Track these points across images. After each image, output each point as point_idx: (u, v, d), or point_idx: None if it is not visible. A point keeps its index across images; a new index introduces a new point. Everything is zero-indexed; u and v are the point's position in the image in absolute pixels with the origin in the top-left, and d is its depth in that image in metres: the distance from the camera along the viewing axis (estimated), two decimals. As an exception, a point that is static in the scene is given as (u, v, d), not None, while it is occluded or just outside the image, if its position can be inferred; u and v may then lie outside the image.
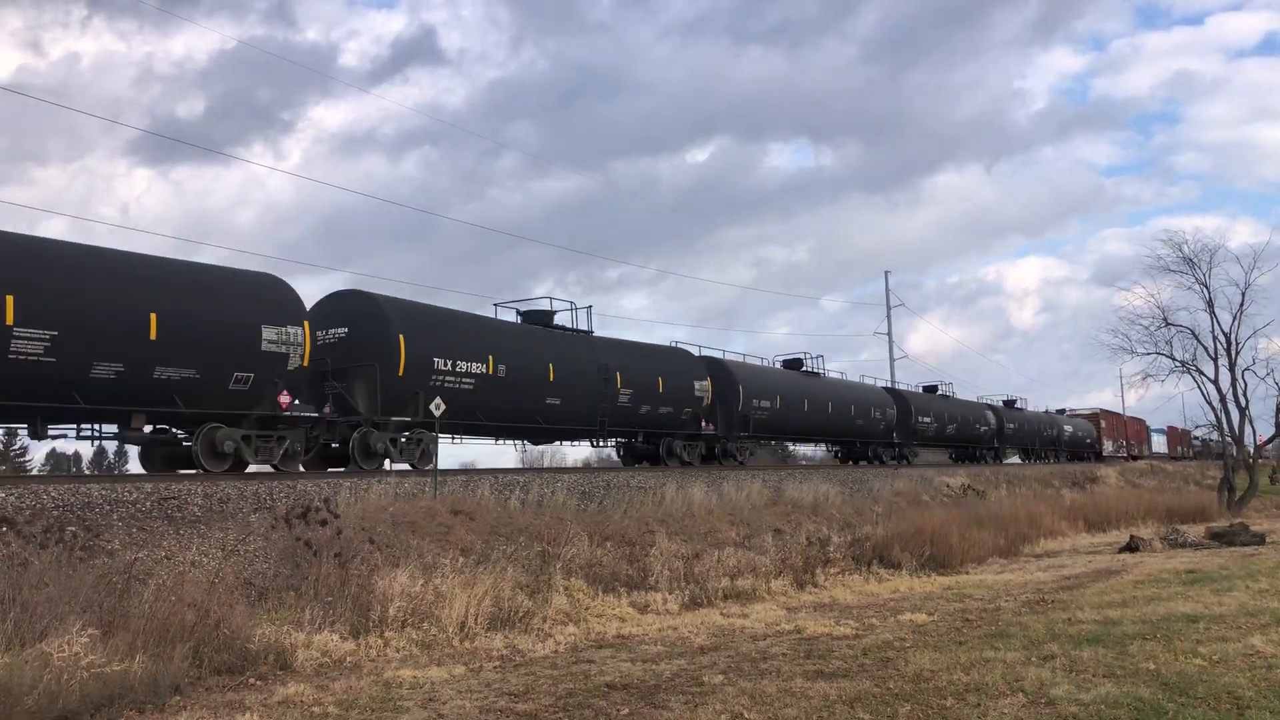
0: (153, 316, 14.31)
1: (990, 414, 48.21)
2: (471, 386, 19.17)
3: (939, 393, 45.54)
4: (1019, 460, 52.72)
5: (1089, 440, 60.99)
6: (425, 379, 18.28)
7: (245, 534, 11.57)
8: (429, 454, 18.64)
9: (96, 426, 15.25)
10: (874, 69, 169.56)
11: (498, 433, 21.29)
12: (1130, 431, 69.66)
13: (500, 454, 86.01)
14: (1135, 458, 66.05)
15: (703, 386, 26.46)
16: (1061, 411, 63.49)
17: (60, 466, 59.85)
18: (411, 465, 18.41)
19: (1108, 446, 63.43)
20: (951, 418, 43.22)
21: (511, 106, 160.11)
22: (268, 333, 15.81)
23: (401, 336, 18.08)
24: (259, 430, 15.99)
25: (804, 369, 34.16)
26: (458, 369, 18.94)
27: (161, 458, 16.09)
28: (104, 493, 11.61)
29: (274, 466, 16.29)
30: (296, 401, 16.52)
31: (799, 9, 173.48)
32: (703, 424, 26.45)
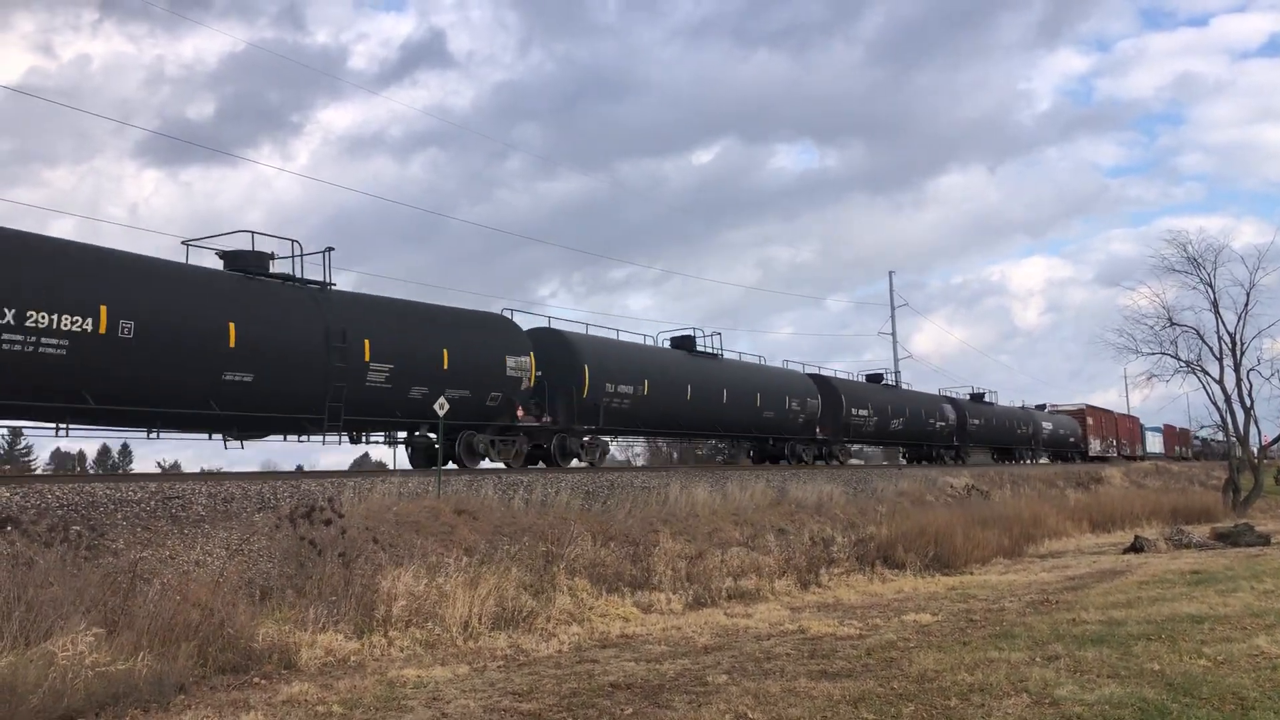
0: None
1: (949, 408, 42.73)
2: (61, 351, 13.03)
3: (884, 382, 40.45)
4: (992, 460, 48.85)
5: (1072, 439, 56.68)
6: None
7: (249, 533, 11.58)
8: None
9: None
10: (879, 71, 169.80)
11: (135, 421, 15.34)
12: (1122, 429, 65.56)
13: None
14: (1127, 458, 62.23)
15: (519, 364, 20.30)
16: (1041, 407, 58.39)
17: (64, 466, 60.00)
18: None
19: (1094, 445, 59.10)
20: (897, 411, 37.45)
21: (519, 108, 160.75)
22: None
23: None
24: None
25: (697, 349, 27.98)
26: (29, 323, 12.75)
27: None
28: (108, 492, 11.63)
29: None
30: None
31: (805, 12, 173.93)
32: (519, 412, 20.80)
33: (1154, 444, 73.27)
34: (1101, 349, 55.36)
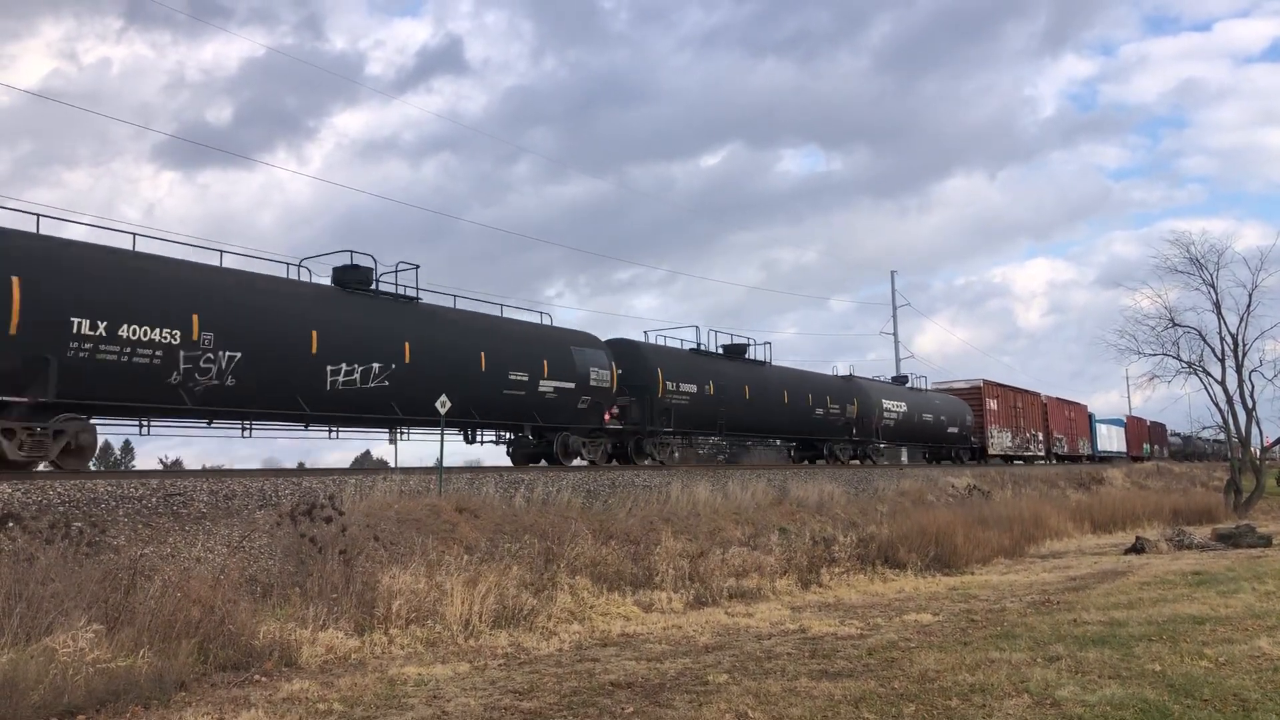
0: None
1: (599, 357, 21.99)
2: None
3: (464, 305, 19.83)
4: (789, 459, 32.74)
5: (955, 430, 38.89)
6: None
7: (250, 530, 11.58)
8: None
9: None
10: (885, 78, 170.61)
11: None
12: (1054, 419, 48.38)
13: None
14: (1063, 458, 48.46)
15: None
16: (902, 380, 39.63)
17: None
18: None
19: (998, 440, 41.88)
20: (439, 356, 18.01)
21: (530, 114, 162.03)
22: None
23: None
24: None
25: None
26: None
27: None
28: (110, 489, 11.62)
29: None
30: None
31: (813, 21, 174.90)
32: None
33: (1110, 440, 58.19)
34: (1103, 350, 54.94)
